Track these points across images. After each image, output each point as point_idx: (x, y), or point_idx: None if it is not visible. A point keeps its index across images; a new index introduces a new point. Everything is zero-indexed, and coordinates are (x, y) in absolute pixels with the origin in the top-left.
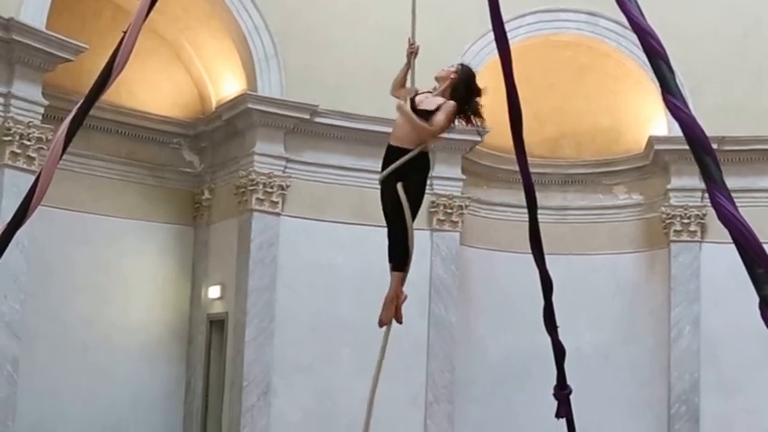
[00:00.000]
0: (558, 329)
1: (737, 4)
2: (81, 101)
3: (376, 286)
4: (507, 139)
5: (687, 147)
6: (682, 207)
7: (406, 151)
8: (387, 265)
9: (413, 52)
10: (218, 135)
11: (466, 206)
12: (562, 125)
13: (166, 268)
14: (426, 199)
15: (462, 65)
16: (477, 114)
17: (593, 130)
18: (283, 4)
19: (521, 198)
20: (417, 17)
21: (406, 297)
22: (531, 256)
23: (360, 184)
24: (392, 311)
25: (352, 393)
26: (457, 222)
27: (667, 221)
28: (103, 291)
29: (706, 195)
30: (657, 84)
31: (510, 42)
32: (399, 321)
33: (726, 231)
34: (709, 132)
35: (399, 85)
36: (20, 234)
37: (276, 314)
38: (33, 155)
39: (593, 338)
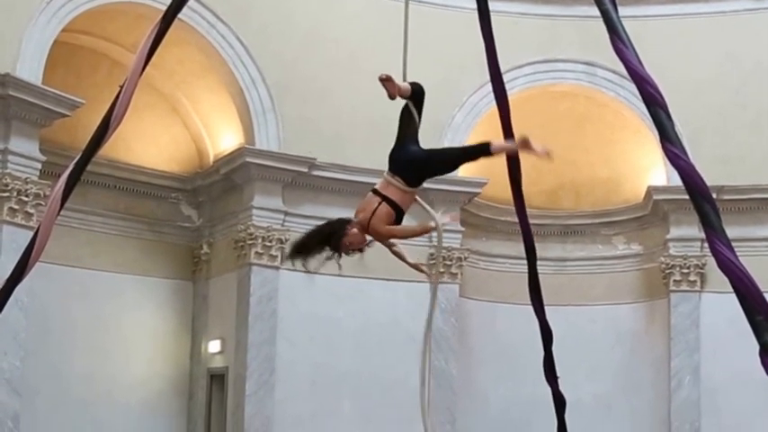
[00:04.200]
0: (559, 380)
1: (736, 53)
2: (78, 156)
3: (376, 338)
4: (506, 191)
5: (686, 196)
6: (681, 257)
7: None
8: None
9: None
10: (216, 189)
11: (465, 258)
12: (561, 176)
13: (166, 323)
14: (425, 251)
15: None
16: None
17: (591, 180)
18: (280, 57)
19: (520, 249)
20: (415, 67)
21: None
22: (530, 307)
23: None
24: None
25: None
26: (456, 274)
27: (667, 271)
28: (103, 346)
29: (705, 245)
30: (656, 133)
31: (508, 93)
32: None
33: (725, 280)
34: (708, 182)
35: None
36: (19, 290)
37: (276, 367)
38: (31, 211)
39: (594, 389)
